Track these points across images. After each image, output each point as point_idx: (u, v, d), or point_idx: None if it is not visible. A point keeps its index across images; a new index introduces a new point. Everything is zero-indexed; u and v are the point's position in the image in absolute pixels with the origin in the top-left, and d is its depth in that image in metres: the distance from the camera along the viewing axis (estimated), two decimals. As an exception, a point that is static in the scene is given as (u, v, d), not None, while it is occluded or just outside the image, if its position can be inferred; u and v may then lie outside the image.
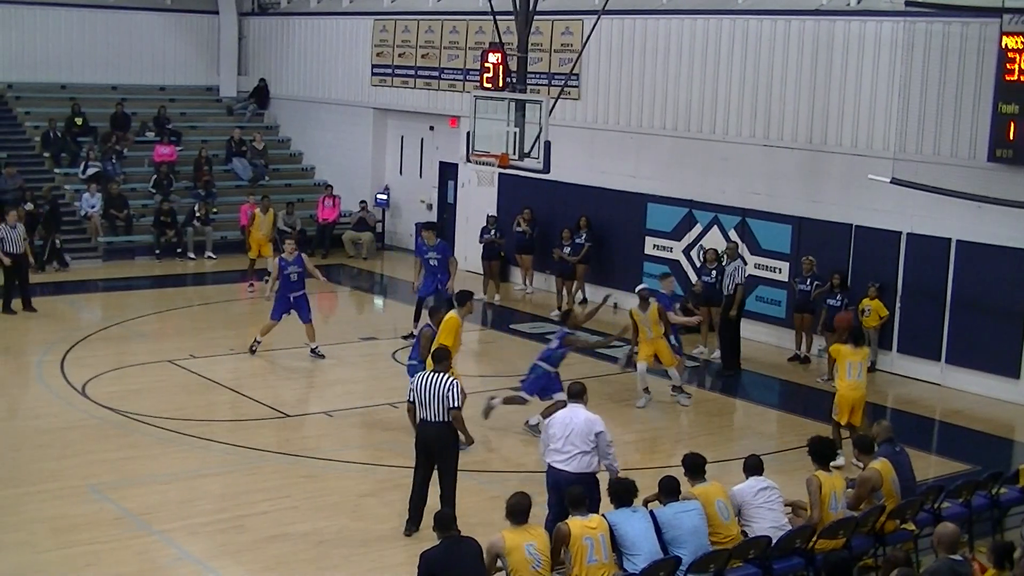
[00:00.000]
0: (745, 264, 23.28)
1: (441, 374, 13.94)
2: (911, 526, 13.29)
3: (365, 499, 15.61)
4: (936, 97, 21.72)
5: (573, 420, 13.28)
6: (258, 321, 23.12)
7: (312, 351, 22.12)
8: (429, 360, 14.94)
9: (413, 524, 14.21)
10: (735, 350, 22.61)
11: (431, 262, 23.27)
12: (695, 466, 12.45)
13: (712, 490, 12.43)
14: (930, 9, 21.14)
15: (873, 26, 22.70)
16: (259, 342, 22.19)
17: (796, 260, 23.36)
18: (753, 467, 12.91)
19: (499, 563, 10.95)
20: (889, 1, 21.83)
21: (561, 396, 16.95)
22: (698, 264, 25.01)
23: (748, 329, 24.43)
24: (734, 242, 23.61)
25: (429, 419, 13.82)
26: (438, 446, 13.93)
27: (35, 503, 14.98)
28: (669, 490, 12.09)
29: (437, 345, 15.66)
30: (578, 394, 13.61)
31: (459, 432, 13.97)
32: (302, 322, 22.13)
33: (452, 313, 17.37)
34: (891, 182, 20.94)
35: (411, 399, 13.97)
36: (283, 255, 22.46)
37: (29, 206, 29.95)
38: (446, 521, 11.01)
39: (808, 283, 23.00)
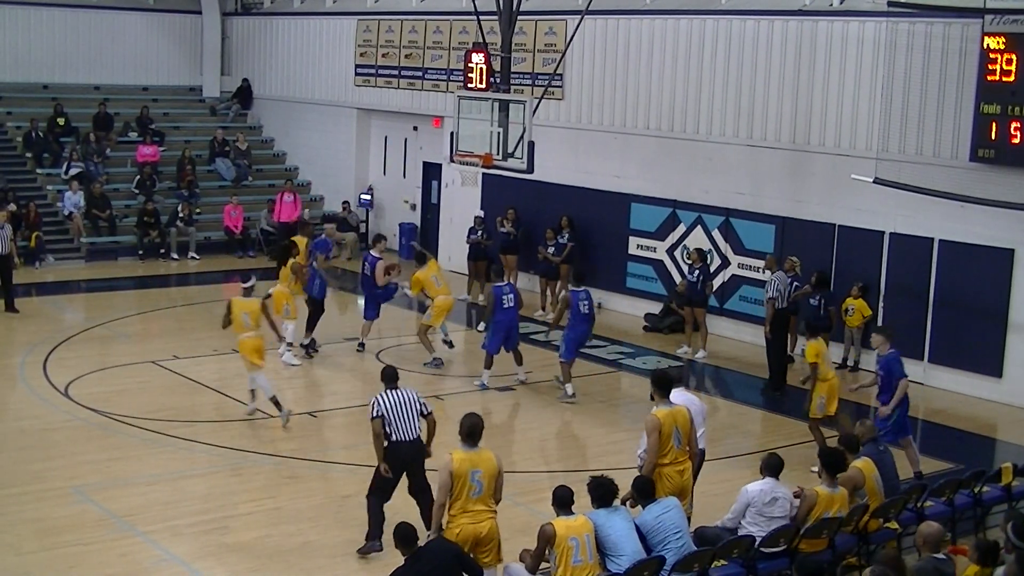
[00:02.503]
0: (788, 277, 21.86)
1: (401, 389, 13.75)
2: (894, 525, 13.34)
3: (349, 500, 15.58)
4: (919, 97, 21.76)
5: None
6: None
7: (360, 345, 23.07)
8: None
9: (376, 541, 13.75)
10: (781, 369, 21.70)
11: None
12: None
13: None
14: (912, 9, 21.18)
15: (856, 26, 22.76)
16: (363, 344, 23.03)
17: (780, 260, 23.35)
18: (772, 467, 12.83)
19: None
20: (872, 1, 21.86)
21: None
22: (683, 264, 25.07)
23: (731, 328, 24.56)
24: (772, 254, 22.95)
25: (404, 439, 13.52)
26: (416, 463, 13.72)
27: (18, 505, 14.94)
28: (644, 491, 12.09)
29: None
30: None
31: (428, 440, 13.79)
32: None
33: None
34: (874, 182, 20.98)
35: (375, 414, 13.60)
36: (372, 252, 22.98)
37: (12, 207, 29.88)
38: (409, 535, 10.94)
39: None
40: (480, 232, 28.13)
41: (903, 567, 10.66)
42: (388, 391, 13.70)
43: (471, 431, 11.91)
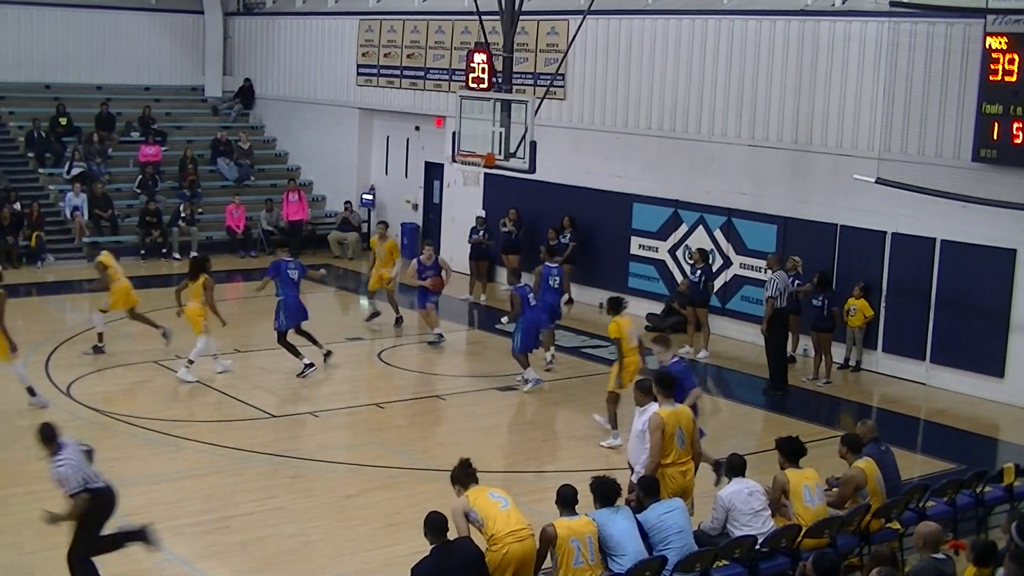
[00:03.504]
0: (789, 276, 21.98)
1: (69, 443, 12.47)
2: (896, 525, 13.32)
3: (351, 499, 15.60)
4: (921, 97, 21.76)
5: None
6: (245, 322, 23.08)
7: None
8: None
9: None
10: (781, 368, 21.62)
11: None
12: (567, 498, 11.52)
13: (681, 413, 13.53)
14: (914, 9, 21.18)
15: (858, 26, 22.75)
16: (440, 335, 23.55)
17: (781, 259, 23.34)
18: (736, 467, 12.91)
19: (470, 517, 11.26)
20: (874, 1, 21.86)
21: None
22: (685, 264, 25.09)
23: (733, 328, 24.54)
24: (775, 253, 22.69)
25: (103, 485, 12.55)
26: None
27: (21, 504, 14.93)
28: (650, 489, 12.12)
29: None
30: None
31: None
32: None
33: None
34: (876, 182, 20.99)
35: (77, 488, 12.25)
36: (421, 258, 23.77)
37: (17, 206, 29.96)
38: (441, 525, 10.84)
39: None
40: (482, 232, 28.14)
41: (899, 565, 10.67)
42: (65, 451, 12.36)
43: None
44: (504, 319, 17.48)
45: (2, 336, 18.51)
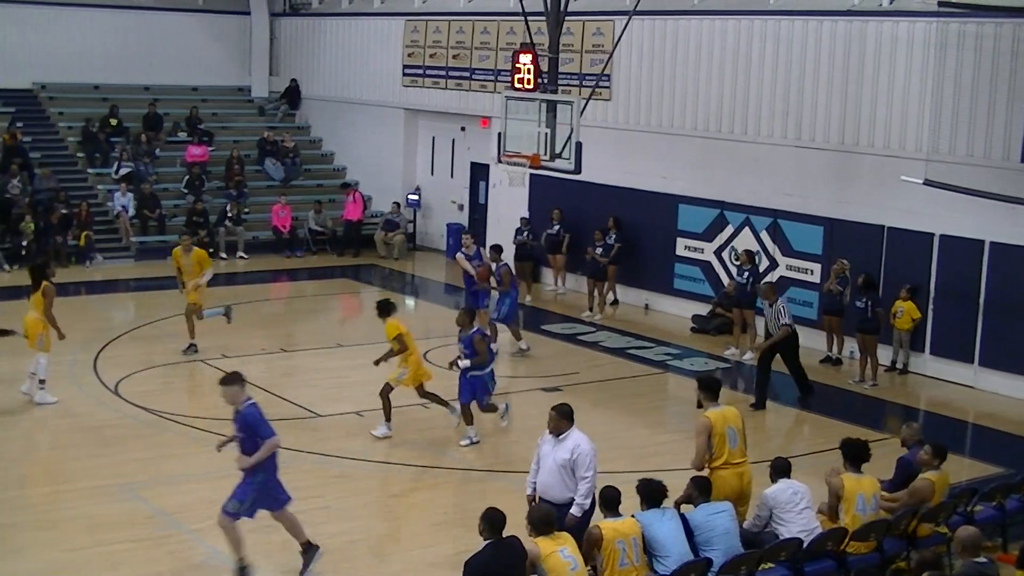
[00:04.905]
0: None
1: None
2: (944, 529, 13.22)
3: (396, 499, 15.64)
4: (969, 98, 21.61)
5: None
6: (289, 321, 23.15)
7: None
8: None
9: None
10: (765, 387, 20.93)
11: None
12: (611, 500, 11.57)
13: (727, 415, 13.31)
14: (963, 9, 21.01)
15: (905, 26, 22.60)
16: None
17: (828, 262, 23.25)
18: (781, 469, 12.87)
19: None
20: (921, 1, 21.71)
21: None
22: (731, 266, 25.00)
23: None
24: (768, 282, 22.38)
25: None
26: None
27: (68, 501, 15.07)
28: (703, 488, 12.09)
29: None
30: None
31: None
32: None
33: None
34: (924, 183, 20.82)
35: None
36: (463, 249, 23.88)
37: (64, 209, 30.20)
38: (500, 522, 10.77)
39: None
40: (526, 233, 28.13)
41: (945, 569, 10.59)
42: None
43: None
44: (466, 362, 17.09)
45: (46, 326, 18.81)
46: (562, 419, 12.47)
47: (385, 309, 18.10)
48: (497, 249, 23.54)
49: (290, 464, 16.53)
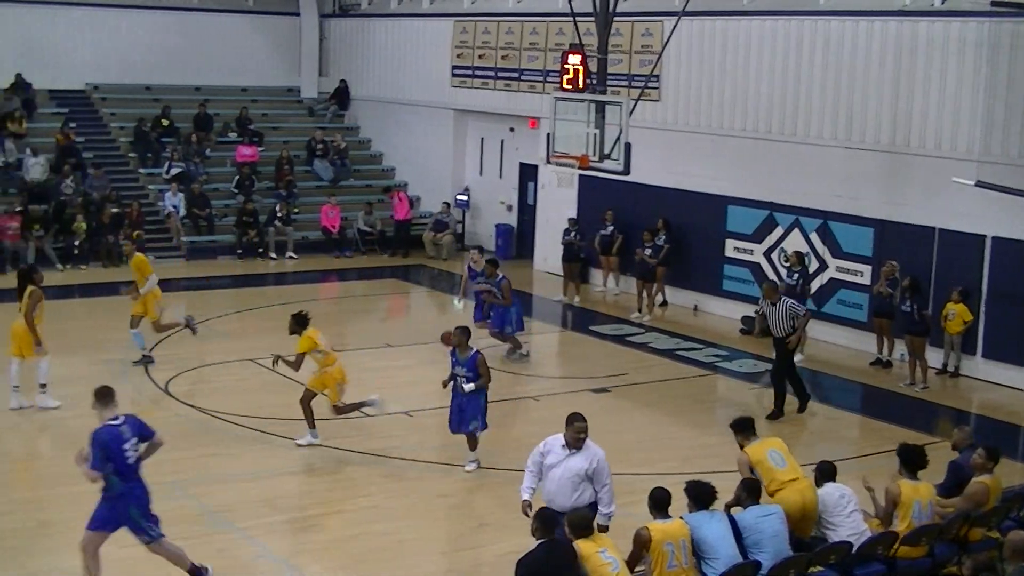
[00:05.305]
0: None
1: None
2: (995, 534, 13.10)
3: (443, 499, 15.66)
4: (1021, 98, 21.41)
5: None
6: (338, 321, 23.22)
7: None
8: None
9: None
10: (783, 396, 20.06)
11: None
12: (660, 501, 11.49)
13: (766, 442, 13.03)
14: (1015, 9, 20.83)
15: (957, 27, 22.42)
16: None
17: (878, 264, 23.09)
18: (827, 473, 12.78)
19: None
20: (973, 1, 21.54)
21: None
22: (781, 267, 24.88)
23: (829, 332, 24.26)
24: (772, 280, 22.09)
25: None
26: None
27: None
28: (752, 491, 12.03)
29: None
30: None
31: None
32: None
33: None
34: (975, 185, 20.65)
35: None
36: (471, 264, 23.39)
37: (115, 209, 30.45)
38: (554, 521, 10.79)
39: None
40: (574, 233, 28.11)
41: (998, 574, 10.50)
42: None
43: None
44: (471, 385, 16.25)
45: (29, 332, 18.48)
46: (585, 431, 12.32)
47: (301, 322, 17.30)
48: (494, 263, 23.01)
49: (339, 463, 16.67)
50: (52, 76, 34.80)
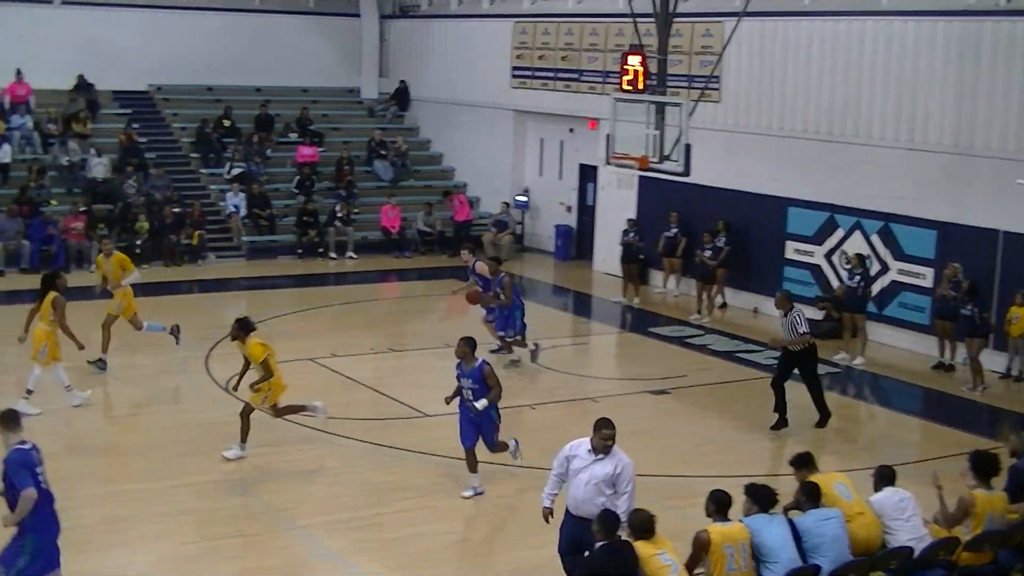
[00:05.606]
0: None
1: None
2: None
3: (502, 499, 15.66)
4: (1089, 99, 21.18)
5: None
6: (398, 321, 23.36)
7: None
8: None
9: None
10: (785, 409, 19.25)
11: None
12: (721, 503, 11.38)
13: (830, 476, 12.61)
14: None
15: (1023, 26, 22.17)
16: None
17: (940, 266, 22.89)
18: (886, 477, 12.65)
19: None
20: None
21: None
22: (841, 270, 24.71)
23: (890, 335, 24.07)
24: (785, 290, 20.94)
25: None
26: None
27: (181, 496, 15.31)
28: (812, 495, 11.95)
29: None
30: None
31: None
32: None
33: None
34: (1041, 186, 20.46)
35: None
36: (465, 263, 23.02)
37: (177, 208, 30.74)
38: (615, 524, 10.79)
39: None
40: (632, 235, 28.05)
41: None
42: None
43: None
44: (483, 401, 15.61)
45: (51, 338, 18.34)
46: (607, 437, 12.05)
47: (244, 328, 16.76)
48: (496, 261, 22.68)
49: (397, 463, 16.73)
50: (115, 77, 35.14)
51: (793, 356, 19.01)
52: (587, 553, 10.97)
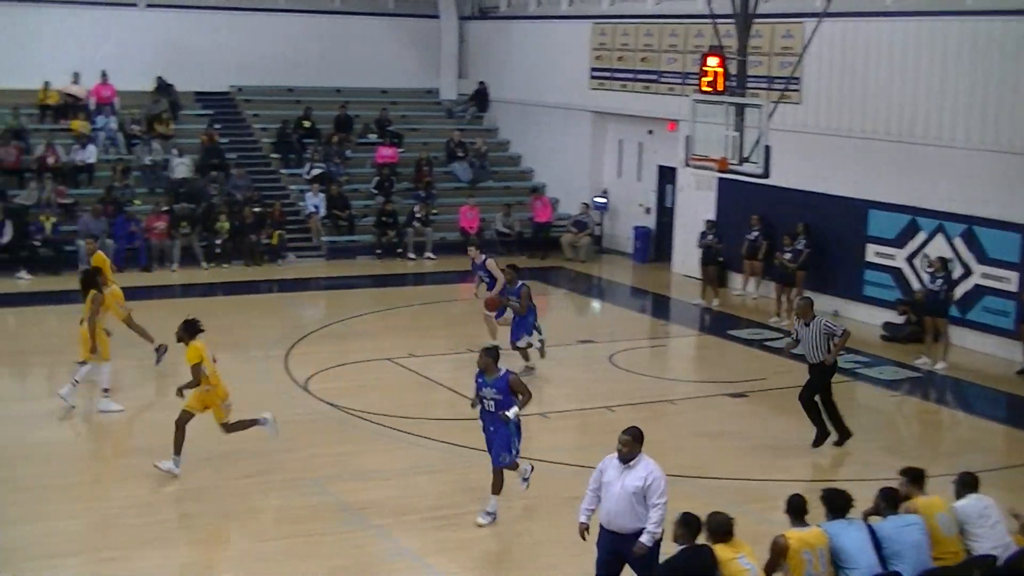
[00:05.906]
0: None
1: None
2: None
3: (576, 501, 15.57)
4: None
5: None
6: (475, 322, 23.34)
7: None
8: None
9: None
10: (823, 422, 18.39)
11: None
12: (798, 508, 11.26)
13: (934, 503, 12.08)
14: None
15: (1112, 25, 21.82)
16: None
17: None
18: (968, 483, 12.47)
19: None
20: None
21: None
22: (923, 273, 24.42)
23: (974, 340, 23.75)
24: (807, 297, 20.09)
25: None
26: None
27: (260, 493, 15.44)
28: (890, 500, 11.81)
29: None
30: None
31: None
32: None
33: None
34: None
35: None
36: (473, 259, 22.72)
37: (257, 208, 31.00)
38: (697, 528, 10.74)
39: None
40: (711, 236, 27.90)
41: None
42: None
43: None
44: (515, 409, 15.04)
45: (88, 335, 18.58)
46: (636, 443, 11.85)
47: (189, 330, 16.15)
48: (514, 268, 22.17)
49: (474, 463, 16.72)
50: (197, 78, 35.55)
51: (813, 368, 18.26)
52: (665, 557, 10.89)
